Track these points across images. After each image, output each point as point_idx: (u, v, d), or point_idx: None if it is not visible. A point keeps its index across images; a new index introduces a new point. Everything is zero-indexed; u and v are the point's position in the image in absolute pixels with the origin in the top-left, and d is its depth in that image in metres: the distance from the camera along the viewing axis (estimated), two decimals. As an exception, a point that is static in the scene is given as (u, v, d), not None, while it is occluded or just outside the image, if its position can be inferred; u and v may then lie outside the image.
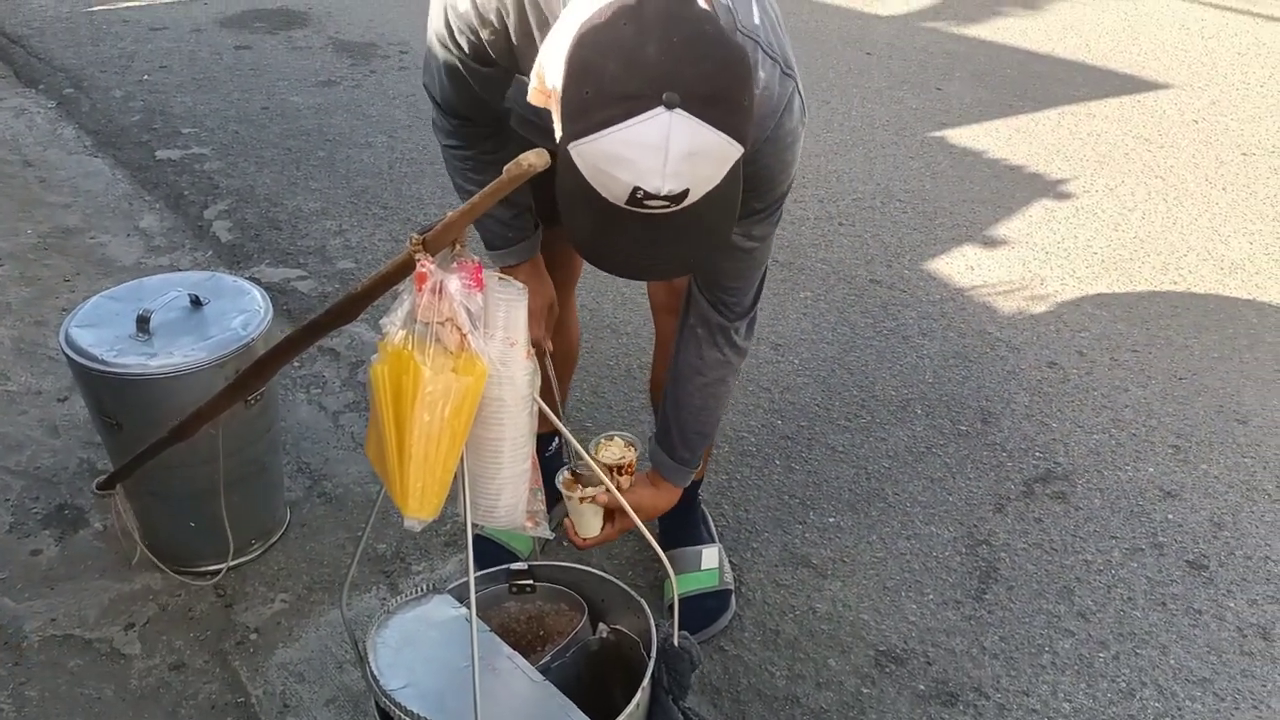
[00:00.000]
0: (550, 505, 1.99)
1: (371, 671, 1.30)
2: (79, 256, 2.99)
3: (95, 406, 1.85)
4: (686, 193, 1.06)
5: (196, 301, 1.85)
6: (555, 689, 1.32)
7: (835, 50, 4.84)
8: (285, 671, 1.80)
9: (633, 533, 1.92)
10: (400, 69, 4.46)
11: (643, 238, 1.11)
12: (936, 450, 2.38)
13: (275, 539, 2.05)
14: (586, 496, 1.59)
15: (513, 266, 1.69)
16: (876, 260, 3.15)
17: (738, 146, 1.08)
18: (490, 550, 1.99)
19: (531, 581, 1.52)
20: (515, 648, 1.39)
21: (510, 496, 1.21)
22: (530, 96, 1.23)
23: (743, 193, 1.36)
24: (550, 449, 2.10)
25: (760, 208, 1.43)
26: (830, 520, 2.18)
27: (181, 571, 1.96)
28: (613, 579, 1.49)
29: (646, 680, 1.30)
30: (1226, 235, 3.34)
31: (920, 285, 3.03)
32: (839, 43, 4.92)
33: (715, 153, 1.06)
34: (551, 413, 1.26)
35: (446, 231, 1.05)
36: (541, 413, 1.22)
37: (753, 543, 2.11)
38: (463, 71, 1.45)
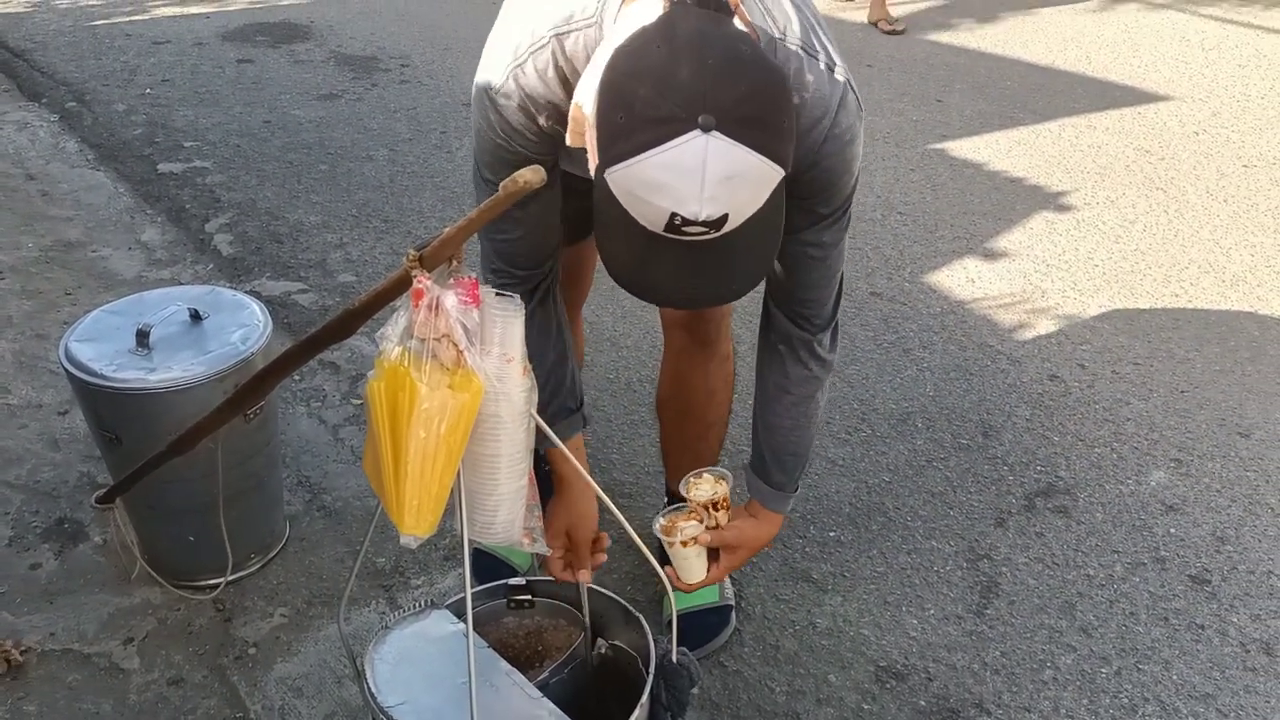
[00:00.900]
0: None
1: (369, 688, 1.30)
2: (80, 270, 2.99)
3: (94, 420, 1.85)
4: (725, 218, 1.04)
5: (196, 316, 1.85)
6: (553, 705, 1.31)
7: (836, 63, 4.86)
8: (284, 686, 1.79)
9: (631, 547, 1.91)
10: (401, 82, 4.48)
11: (684, 266, 1.09)
12: (937, 464, 2.38)
13: (274, 553, 2.05)
14: (688, 539, 1.56)
15: (555, 453, 1.57)
16: (877, 273, 3.15)
17: (778, 169, 1.05)
18: (489, 565, 1.99)
19: (530, 597, 1.52)
20: (513, 663, 1.39)
21: (507, 513, 1.20)
22: (569, 139, 1.21)
23: (807, 198, 1.34)
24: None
25: (827, 212, 1.40)
26: (830, 535, 2.17)
27: (180, 586, 1.95)
28: (612, 595, 1.49)
29: (645, 697, 1.29)
30: (1228, 248, 3.33)
31: (921, 298, 3.03)
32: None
33: (754, 176, 1.04)
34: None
35: (443, 248, 1.05)
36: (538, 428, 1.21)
37: (752, 558, 2.10)
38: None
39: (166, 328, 1.82)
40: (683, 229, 1.04)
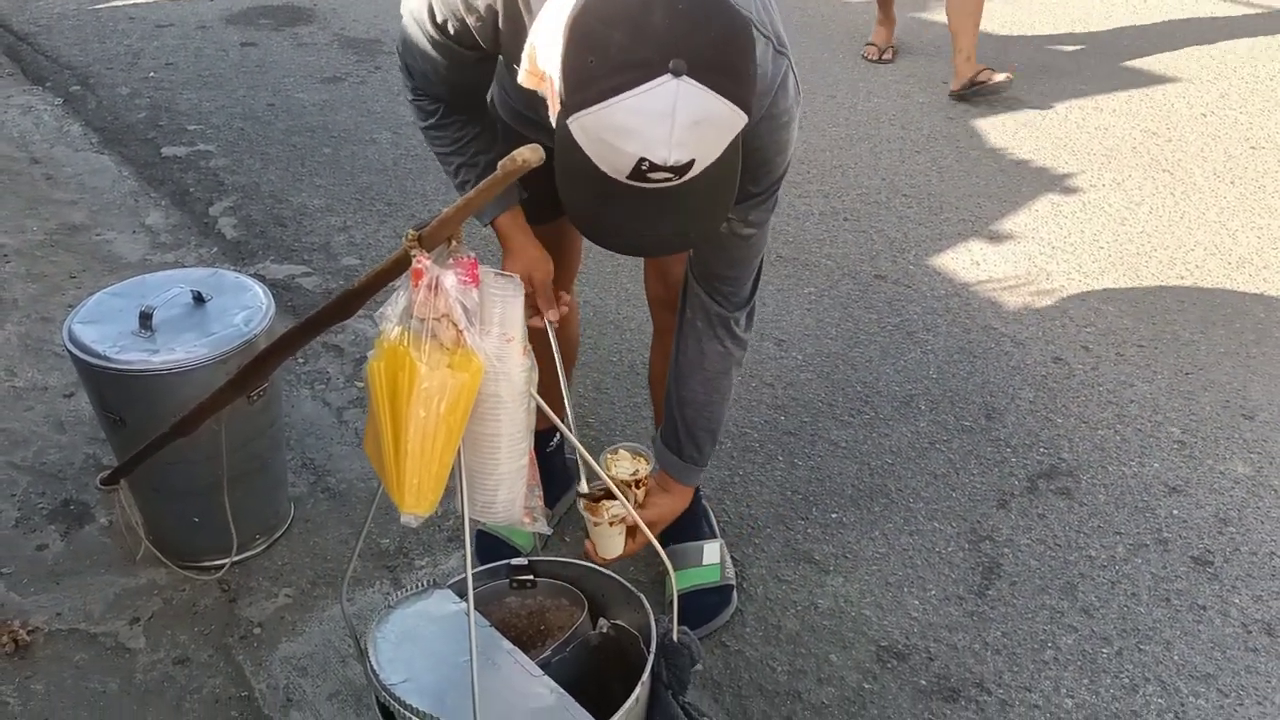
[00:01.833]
0: (551, 504, 1.98)
1: (371, 667, 1.30)
2: (85, 253, 3.00)
3: (98, 402, 1.86)
4: (691, 164, 1.05)
5: (199, 298, 1.86)
6: (555, 683, 1.32)
7: (841, 44, 4.83)
8: (289, 665, 1.80)
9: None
10: (406, 65, 4.46)
11: (644, 212, 1.10)
12: (940, 446, 2.38)
13: (279, 534, 2.06)
14: (615, 519, 1.57)
15: (498, 220, 1.60)
16: (881, 255, 3.14)
17: (742, 116, 1.07)
18: (492, 545, 2.00)
19: (532, 577, 1.53)
20: (516, 643, 1.40)
21: (508, 492, 1.21)
22: (521, 79, 1.22)
23: (739, 176, 1.35)
24: (551, 444, 2.10)
25: (757, 192, 1.41)
26: (833, 516, 2.18)
27: (186, 566, 1.97)
28: (613, 575, 1.49)
29: (646, 675, 1.30)
30: (1234, 230, 3.32)
31: (925, 280, 3.02)
32: (845, 36, 4.90)
33: (721, 122, 1.05)
34: (561, 422, 1.25)
35: (442, 227, 1.05)
36: (540, 410, 1.22)
37: (755, 538, 2.11)
38: (441, 55, 1.43)
39: (169, 310, 1.82)
40: (648, 175, 1.05)
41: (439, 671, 1.31)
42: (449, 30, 1.38)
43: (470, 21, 1.34)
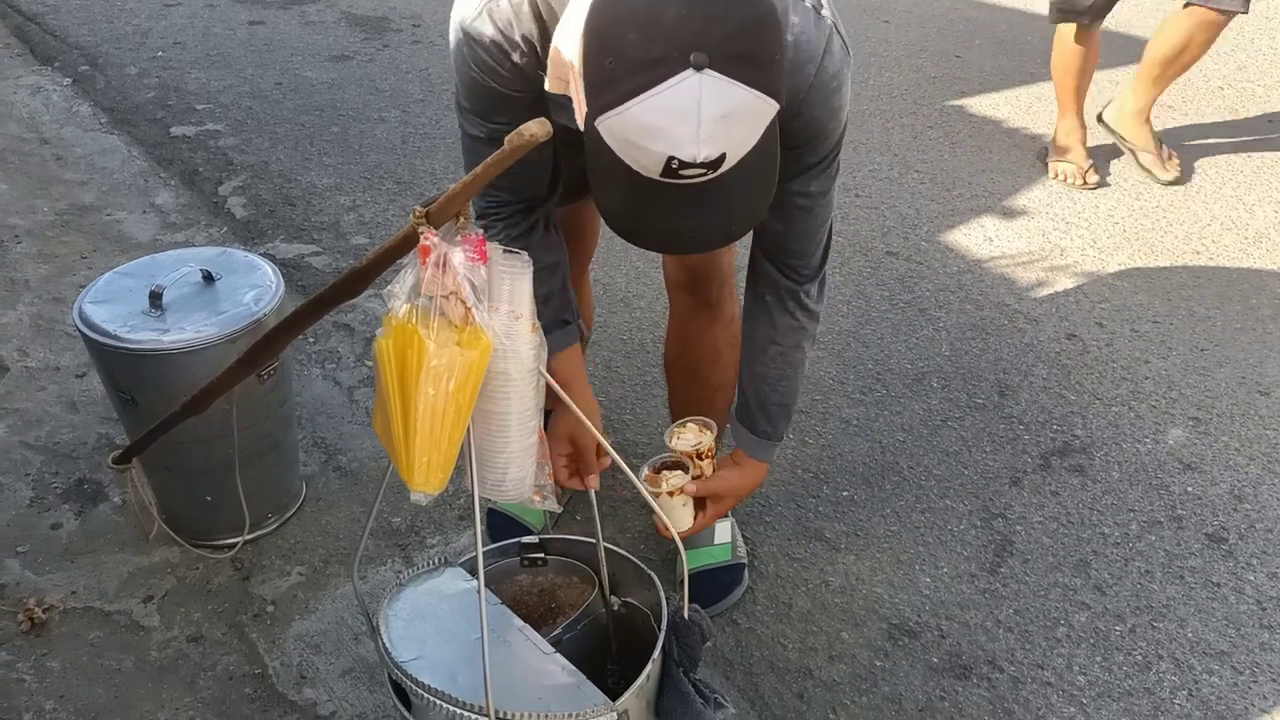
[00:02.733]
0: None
1: (383, 644, 1.31)
2: (95, 233, 3.00)
3: (110, 382, 1.86)
4: (723, 157, 1.03)
5: (209, 277, 1.86)
6: (566, 661, 1.32)
7: (853, 18, 4.78)
8: (302, 643, 1.81)
9: (645, 507, 1.92)
10: (413, 43, 4.44)
11: (681, 210, 1.08)
12: (952, 423, 2.37)
13: (291, 513, 2.07)
14: (674, 489, 1.56)
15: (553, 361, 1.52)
16: (893, 232, 3.12)
17: (772, 104, 1.04)
18: (503, 523, 2.00)
19: (543, 555, 1.53)
20: (527, 621, 1.40)
21: (517, 470, 1.20)
22: (548, 85, 1.19)
23: (794, 147, 1.31)
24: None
25: (814, 161, 1.38)
26: (844, 494, 2.17)
27: (199, 545, 1.97)
28: (625, 553, 1.49)
29: (657, 652, 1.30)
30: (1251, 204, 3.28)
31: (937, 257, 3.00)
32: (857, 10, 4.85)
33: (749, 112, 1.03)
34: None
35: (450, 204, 1.04)
36: (550, 388, 1.21)
37: (766, 516, 2.10)
38: (502, 103, 1.36)
39: (179, 289, 1.82)
40: (680, 173, 1.02)
41: (450, 649, 1.31)
42: (501, 74, 1.31)
43: (515, 59, 1.28)
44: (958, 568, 2.00)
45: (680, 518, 1.59)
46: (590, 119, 1.05)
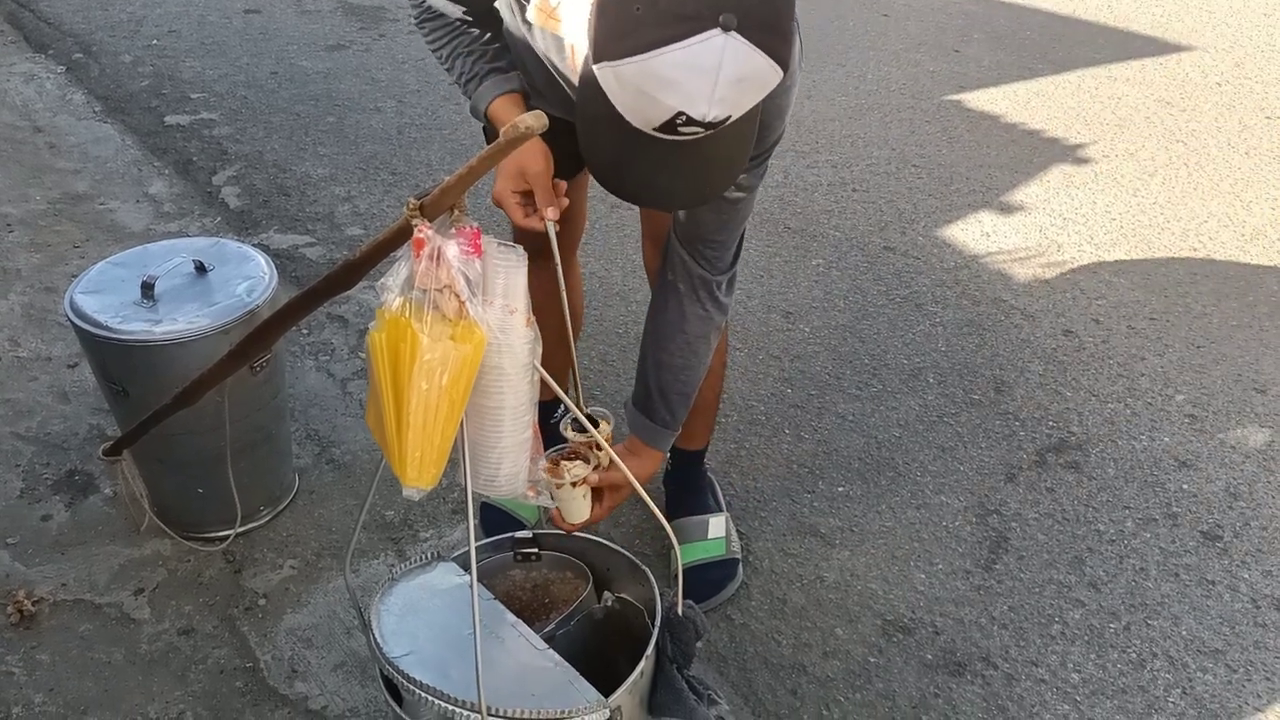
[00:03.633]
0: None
1: (375, 639, 1.30)
2: (88, 223, 2.98)
3: (101, 372, 1.85)
4: (727, 119, 1.04)
5: (201, 268, 1.84)
6: (559, 657, 1.31)
7: (851, 11, 4.76)
8: (293, 637, 1.80)
9: (639, 502, 1.90)
10: (409, 33, 4.41)
11: (667, 164, 1.09)
12: (948, 419, 2.36)
13: (284, 505, 2.05)
14: (577, 480, 1.54)
15: (500, 98, 1.47)
16: (890, 227, 3.11)
17: (779, 73, 1.06)
18: (496, 518, 1.99)
19: (536, 550, 1.52)
20: (520, 616, 1.39)
21: (511, 465, 1.20)
22: (530, 14, 1.20)
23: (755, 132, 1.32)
24: (555, 416, 2.09)
25: (754, 155, 1.37)
26: (839, 489, 2.16)
27: (190, 537, 1.96)
28: (618, 548, 1.48)
29: (651, 649, 1.29)
30: (1248, 201, 3.28)
31: (935, 252, 2.99)
32: (855, 4, 4.84)
33: (761, 79, 1.04)
34: (564, 394, 1.23)
35: (444, 196, 1.03)
36: (544, 382, 1.20)
37: (761, 511, 2.10)
38: None
39: (171, 280, 1.81)
40: (679, 129, 1.03)
41: (443, 644, 1.30)
42: None
43: None
44: (953, 564, 1.99)
45: (579, 509, 1.56)
46: (598, 61, 1.05)
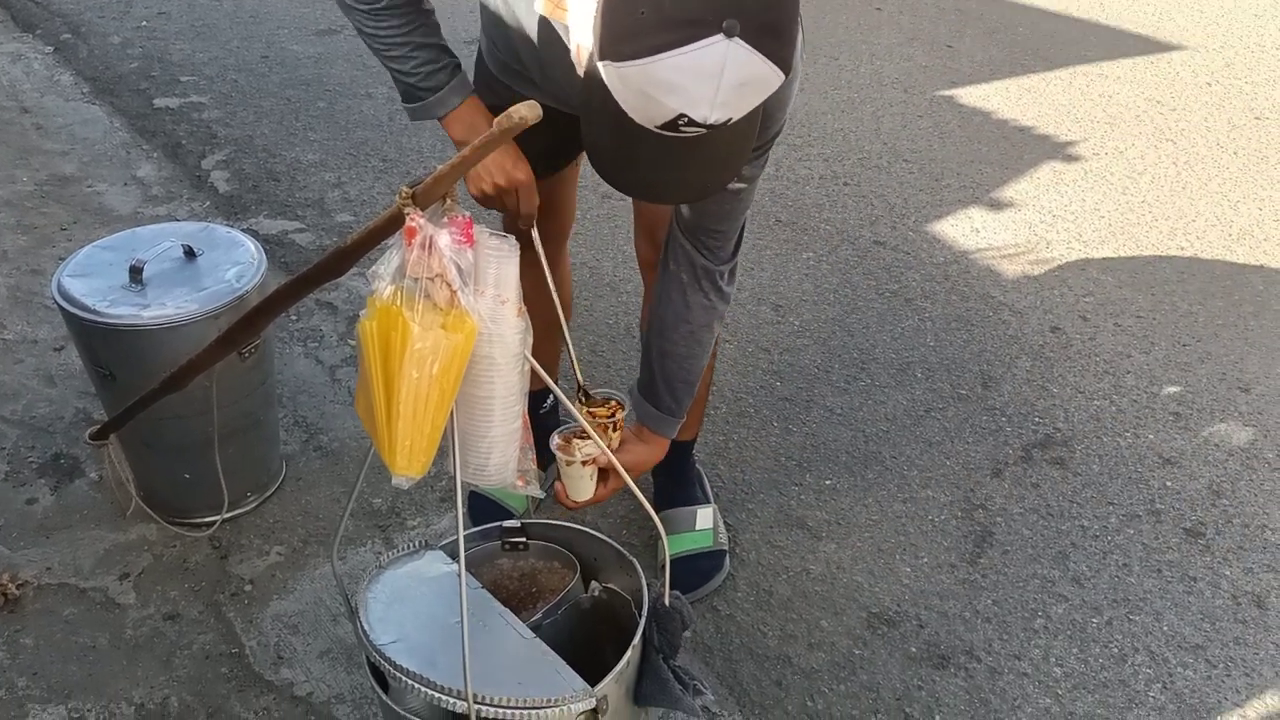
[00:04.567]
0: (544, 466, 1.97)
1: (362, 626, 1.30)
2: (76, 205, 2.96)
3: (88, 356, 1.84)
4: (729, 122, 1.05)
5: (190, 252, 1.83)
6: (546, 646, 1.32)
7: (845, 5, 4.76)
8: (279, 623, 1.80)
9: (626, 493, 1.91)
10: (402, 18, 4.39)
11: (667, 160, 1.10)
12: (935, 414, 2.37)
13: (271, 492, 2.05)
14: (588, 459, 1.55)
15: (452, 113, 1.51)
16: (881, 221, 3.12)
17: (782, 76, 1.07)
18: (485, 507, 1.99)
19: (524, 539, 1.52)
20: (507, 604, 1.39)
21: (501, 455, 1.19)
22: (538, 4, 1.20)
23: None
24: (545, 406, 2.09)
25: (756, 146, 1.39)
26: (826, 483, 2.17)
27: (176, 523, 1.96)
28: (606, 538, 1.48)
29: (637, 639, 1.30)
30: (1236, 201, 3.29)
31: (924, 247, 3.00)
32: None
33: (763, 83, 1.05)
34: (554, 383, 1.23)
35: (436, 185, 1.03)
36: (533, 370, 1.20)
37: (748, 504, 2.11)
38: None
39: (160, 264, 1.80)
40: (681, 128, 1.04)
41: (430, 632, 1.30)
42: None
43: None
44: (938, 558, 2.01)
45: (585, 487, 1.59)
46: (603, 60, 1.05)
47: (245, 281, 1.79)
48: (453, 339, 1.06)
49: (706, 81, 1.01)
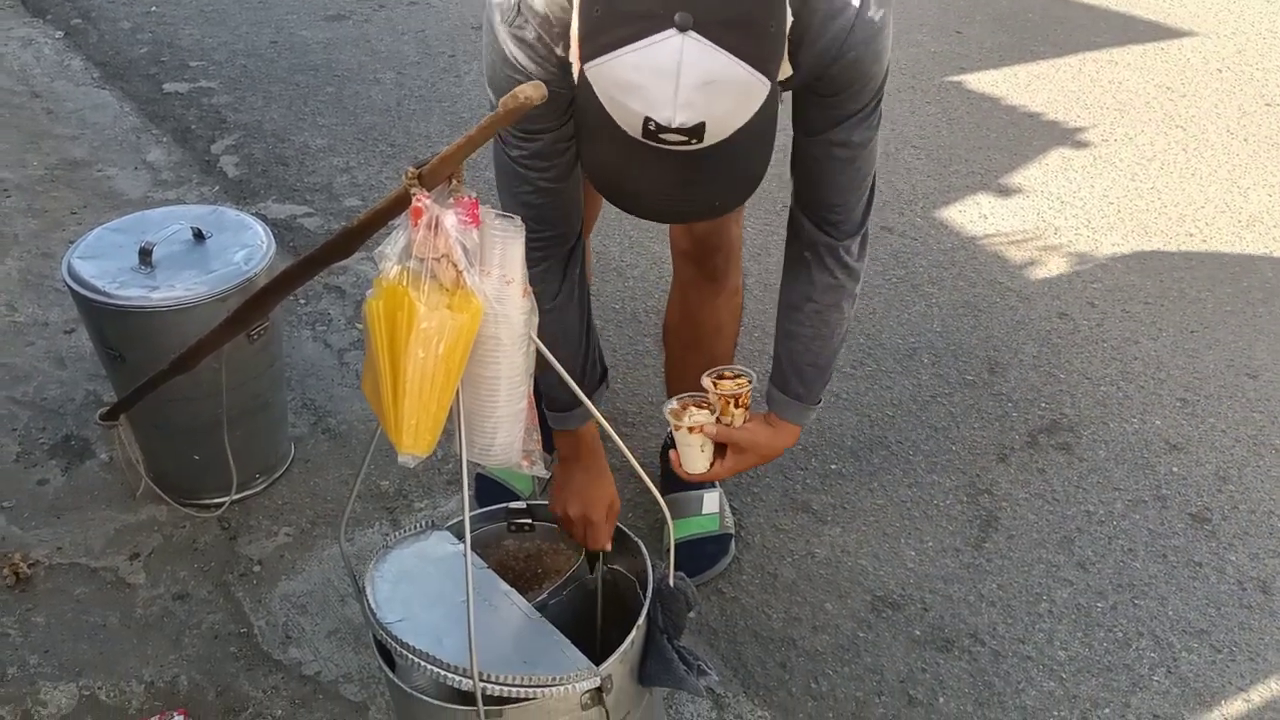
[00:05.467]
0: (549, 448, 1.97)
1: (369, 605, 1.31)
2: (86, 189, 2.97)
3: (98, 338, 1.85)
4: (702, 126, 0.99)
5: (199, 235, 1.84)
6: (551, 625, 1.33)
7: (854, -9, 4.74)
8: (288, 603, 1.82)
9: (633, 475, 1.92)
10: (410, 4, 4.39)
11: (667, 178, 1.05)
12: (941, 399, 2.37)
13: (279, 474, 2.07)
14: (695, 425, 1.52)
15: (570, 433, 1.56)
16: (889, 207, 3.11)
17: (763, 80, 1.00)
18: (491, 489, 2.00)
19: (530, 520, 1.53)
20: (513, 585, 1.40)
21: (506, 435, 1.20)
22: (568, 51, 1.17)
23: (835, 94, 1.25)
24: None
25: (856, 109, 1.31)
26: (832, 467, 2.18)
27: (186, 503, 1.97)
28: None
29: (642, 619, 1.31)
30: (1246, 187, 3.28)
31: (932, 233, 2.99)
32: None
33: (735, 85, 0.99)
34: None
35: (443, 165, 1.04)
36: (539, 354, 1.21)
37: (754, 487, 2.11)
38: (533, 162, 1.35)
39: (169, 246, 1.81)
40: (659, 136, 1.00)
41: (436, 611, 1.31)
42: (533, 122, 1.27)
43: (560, 52, 1.21)
44: (943, 542, 2.01)
45: (696, 458, 1.54)
46: (581, 62, 1.04)
47: (254, 264, 1.80)
48: (458, 319, 1.06)
49: (663, 80, 0.96)
